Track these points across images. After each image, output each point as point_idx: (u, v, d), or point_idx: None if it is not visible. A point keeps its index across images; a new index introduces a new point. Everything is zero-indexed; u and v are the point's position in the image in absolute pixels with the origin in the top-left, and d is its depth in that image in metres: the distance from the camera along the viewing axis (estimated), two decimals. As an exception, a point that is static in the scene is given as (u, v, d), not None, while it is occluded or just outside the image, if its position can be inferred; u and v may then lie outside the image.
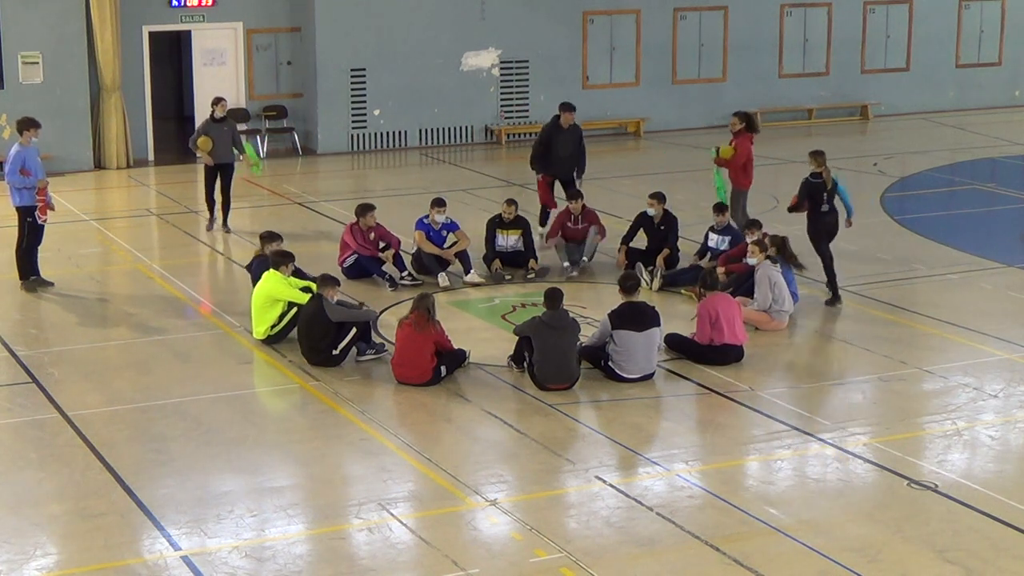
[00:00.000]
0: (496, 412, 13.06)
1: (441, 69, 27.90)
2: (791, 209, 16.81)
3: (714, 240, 17.45)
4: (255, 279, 15.51)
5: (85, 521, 10.70)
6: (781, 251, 15.81)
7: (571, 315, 14.02)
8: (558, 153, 19.71)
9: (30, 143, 17.06)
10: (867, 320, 16.06)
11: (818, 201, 16.45)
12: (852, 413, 13.09)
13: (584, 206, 18.21)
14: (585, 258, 17.87)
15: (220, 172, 20.37)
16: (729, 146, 18.74)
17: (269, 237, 16.03)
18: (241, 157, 20.47)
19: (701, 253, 17.55)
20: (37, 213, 16.97)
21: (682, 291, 16.84)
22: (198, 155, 20.53)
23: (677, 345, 14.54)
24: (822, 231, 16.50)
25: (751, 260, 15.71)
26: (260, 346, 14.99)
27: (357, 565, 10.03)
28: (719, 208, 17.57)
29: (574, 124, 19.85)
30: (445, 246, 17.80)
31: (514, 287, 17.43)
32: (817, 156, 16.60)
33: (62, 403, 13.29)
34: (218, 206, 20.50)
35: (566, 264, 17.81)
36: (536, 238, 18.50)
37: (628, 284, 14.00)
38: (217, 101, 20.55)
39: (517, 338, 14.06)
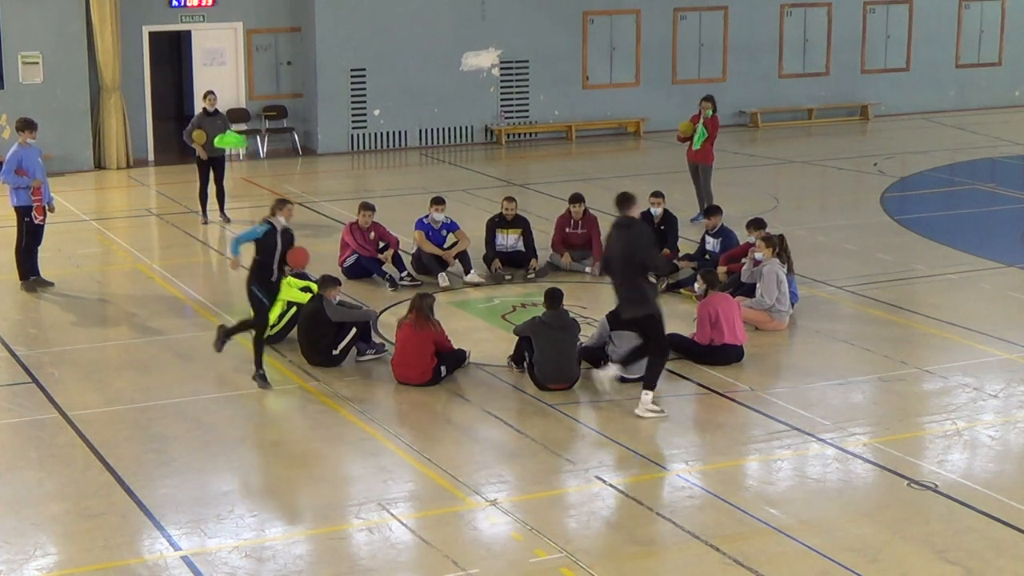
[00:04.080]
0: (496, 412, 13.05)
1: (441, 69, 27.87)
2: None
3: (710, 243, 17.46)
4: None
5: (85, 521, 10.69)
6: (779, 250, 15.80)
7: (571, 315, 14.02)
8: None
9: (27, 144, 17.08)
10: (867, 320, 16.05)
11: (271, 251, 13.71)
12: (852, 413, 13.08)
13: (586, 210, 18.17)
14: (589, 270, 17.84)
15: (213, 165, 20.65)
16: (689, 122, 20.85)
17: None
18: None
19: (693, 257, 17.51)
20: (33, 213, 16.99)
21: (682, 291, 16.83)
22: (195, 148, 20.68)
23: (677, 345, 14.51)
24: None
25: (758, 255, 15.70)
26: (260, 346, 14.97)
27: (357, 565, 10.02)
28: (710, 211, 17.60)
29: None
30: (445, 246, 17.79)
31: (514, 287, 17.42)
32: (281, 205, 13.93)
33: (62, 403, 13.28)
34: (211, 199, 20.90)
35: (587, 270, 17.77)
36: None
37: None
38: (206, 95, 20.76)
39: (517, 338, 14.06)
